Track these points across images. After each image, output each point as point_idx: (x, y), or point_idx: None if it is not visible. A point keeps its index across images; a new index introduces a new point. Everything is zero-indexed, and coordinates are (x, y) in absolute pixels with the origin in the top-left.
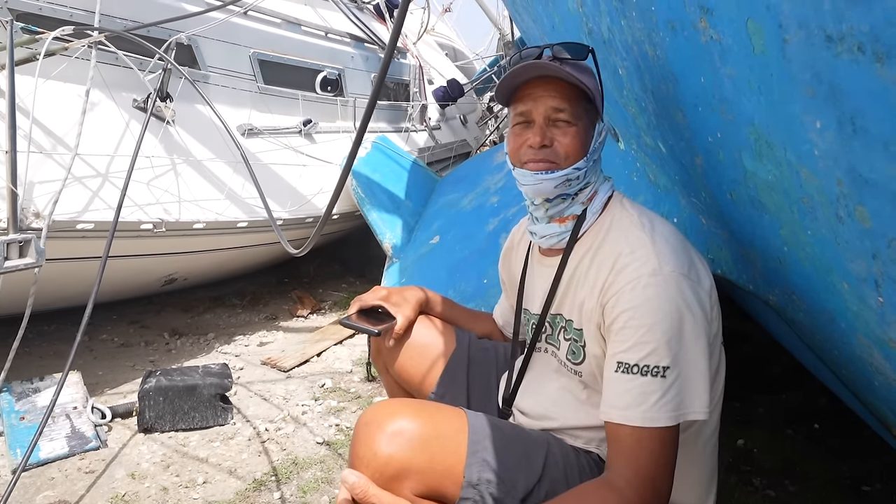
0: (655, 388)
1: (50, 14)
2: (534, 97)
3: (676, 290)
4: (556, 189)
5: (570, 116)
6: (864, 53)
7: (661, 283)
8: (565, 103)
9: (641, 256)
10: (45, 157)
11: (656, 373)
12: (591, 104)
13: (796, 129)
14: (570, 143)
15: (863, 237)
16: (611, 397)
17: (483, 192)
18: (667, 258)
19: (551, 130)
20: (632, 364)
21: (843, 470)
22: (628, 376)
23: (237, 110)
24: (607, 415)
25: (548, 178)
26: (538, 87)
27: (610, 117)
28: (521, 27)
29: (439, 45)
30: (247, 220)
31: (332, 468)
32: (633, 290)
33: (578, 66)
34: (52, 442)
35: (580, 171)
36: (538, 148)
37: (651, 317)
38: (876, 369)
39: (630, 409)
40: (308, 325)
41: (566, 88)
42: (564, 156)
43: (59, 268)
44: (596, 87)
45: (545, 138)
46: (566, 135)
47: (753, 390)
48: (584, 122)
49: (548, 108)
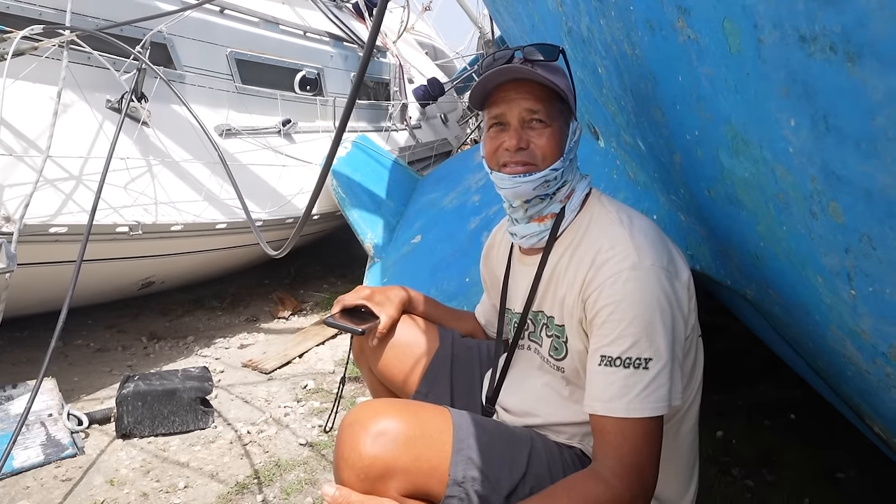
0: (638, 380)
1: (18, 13)
2: (507, 100)
3: (656, 283)
4: (534, 191)
5: (545, 117)
6: (836, 53)
7: (641, 276)
8: (539, 104)
9: (621, 251)
10: (15, 159)
11: (639, 365)
12: (565, 104)
13: (771, 127)
14: (545, 143)
15: (836, 232)
16: (595, 390)
17: (464, 191)
18: (646, 252)
19: (526, 132)
20: (614, 357)
21: (819, 458)
22: (611, 369)
23: (214, 110)
24: (592, 408)
25: (526, 181)
26: (511, 90)
27: (590, 115)
28: (502, 26)
29: (419, 43)
30: (225, 221)
31: (315, 469)
32: (614, 284)
33: (550, 66)
34: (26, 450)
35: (557, 171)
36: (514, 150)
37: (632, 310)
38: (849, 359)
39: (614, 401)
40: (289, 326)
41: (539, 90)
42: (542, 157)
43: (31, 272)
44: (568, 87)
45: (521, 140)
46: (542, 136)
47: (732, 383)
48: (559, 122)
49: (522, 110)
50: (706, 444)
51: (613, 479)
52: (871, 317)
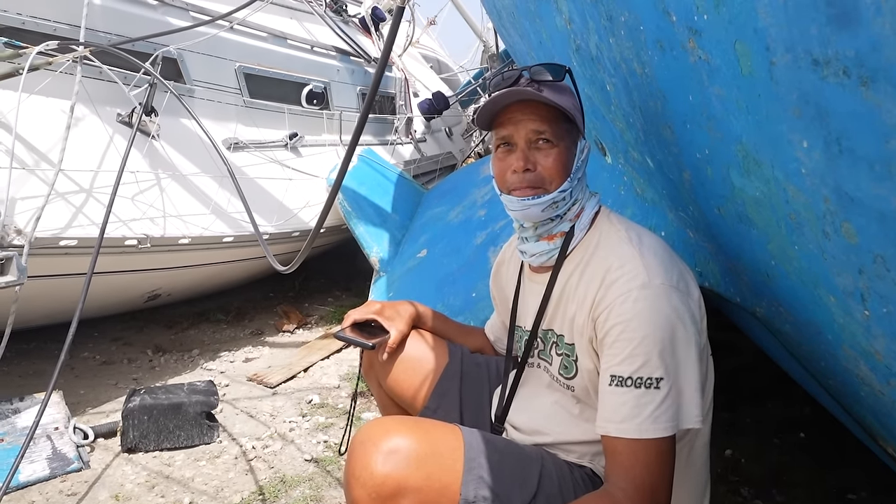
0: (650, 400)
1: (33, 28)
2: (514, 121)
3: (667, 301)
4: (543, 213)
5: (552, 137)
6: (850, 77)
7: (651, 295)
8: (545, 125)
9: (631, 270)
10: (27, 172)
11: (650, 384)
12: (572, 124)
13: (783, 148)
14: (552, 164)
15: (849, 253)
16: (606, 411)
17: (470, 205)
18: (656, 271)
19: (533, 154)
20: (625, 377)
21: (830, 478)
22: (623, 389)
23: (223, 124)
24: (604, 429)
25: (535, 203)
26: (518, 111)
27: (597, 132)
28: (507, 42)
29: (424, 57)
30: (232, 234)
31: (321, 486)
32: (624, 303)
33: (557, 86)
34: (32, 464)
35: (565, 192)
36: (522, 172)
37: (643, 329)
38: (862, 380)
39: (626, 423)
40: (294, 339)
41: (545, 110)
42: (549, 179)
43: (41, 285)
44: (575, 106)
45: (528, 162)
46: (548, 156)
47: (740, 400)
48: (566, 141)
49: (529, 131)
50: (715, 463)
51: (626, 501)
52: (886, 337)
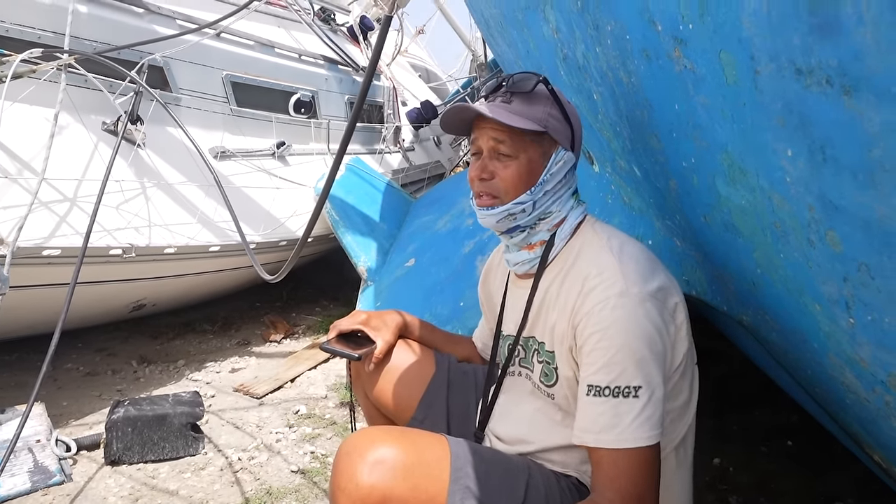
0: (628, 409)
1: (17, 36)
2: (480, 128)
3: (643, 310)
4: (498, 224)
5: (510, 149)
6: (833, 86)
7: (628, 304)
8: (504, 135)
9: (609, 278)
10: (10, 181)
11: (628, 393)
12: (542, 135)
13: (768, 157)
14: (509, 176)
15: (834, 261)
16: (584, 422)
17: (458, 214)
18: (633, 279)
19: (493, 163)
20: (602, 386)
21: (817, 486)
22: (600, 399)
23: (209, 133)
24: (581, 439)
25: (489, 214)
26: (482, 121)
27: (585, 141)
28: (495, 51)
29: (412, 66)
30: (219, 244)
31: (307, 497)
32: (602, 311)
33: (530, 96)
34: (13, 478)
35: (523, 204)
36: (478, 180)
37: (620, 338)
38: (847, 388)
39: (604, 433)
40: (281, 350)
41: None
42: (504, 190)
43: (23, 295)
44: (550, 115)
45: (485, 171)
46: (507, 168)
47: (728, 408)
48: (530, 153)
49: (490, 140)
50: (703, 472)
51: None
52: (871, 345)
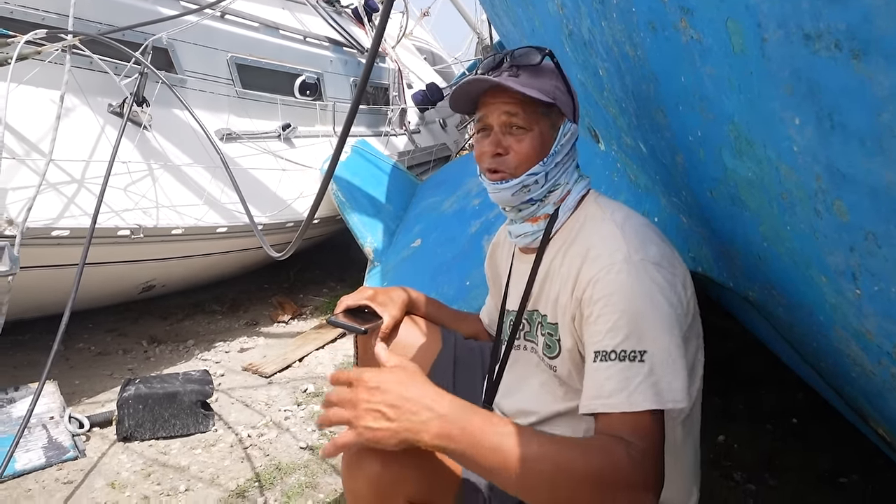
0: (635, 373)
1: (21, 17)
2: (488, 105)
3: (647, 276)
4: (513, 197)
5: (523, 122)
6: (841, 51)
7: (631, 269)
8: (517, 108)
9: (611, 245)
10: (18, 163)
11: (634, 357)
12: (551, 107)
13: (776, 126)
14: (523, 149)
15: (840, 231)
16: (592, 388)
17: (464, 195)
18: (636, 247)
19: (507, 138)
20: (609, 350)
21: (822, 463)
22: (606, 364)
23: (215, 115)
24: (589, 407)
25: (504, 188)
26: (492, 95)
27: (590, 118)
28: (501, 31)
29: (418, 49)
30: (226, 225)
31: (315, 473)
32: (606, 276)
33: (537, 69)
34: (28, 453)
35: (536, 175)
36: (492, 156)
37: (624, 303)
38: (853, 361)
39: (613, 396)
40: (289, 330)
41: (519, 94)
42: (519, 163)
43: (33, 276)
44: (557, 88)
45: (499, 146)
46: (520, 141)
47: (733, 386)
48: (542, 125)
49: (502, 114)
50: (707, 449)
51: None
52: (877, 316)
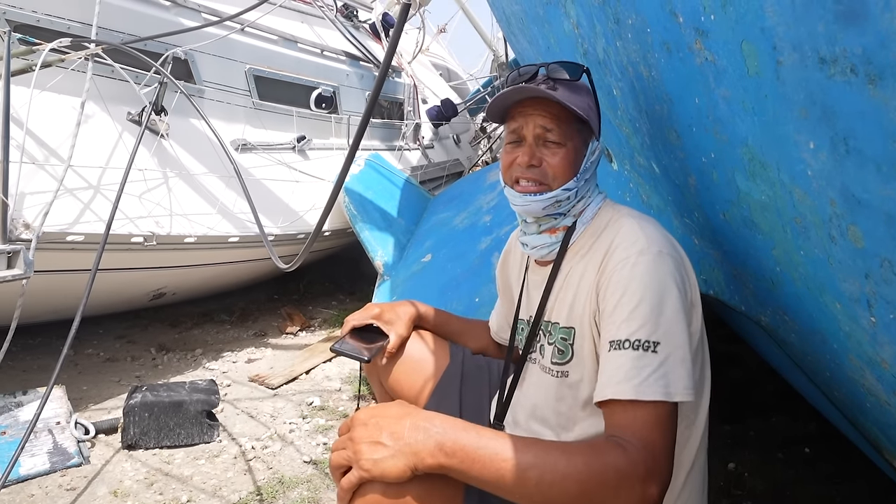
0: (647, 363)
1: (47, 26)
2: (524, 116)
3: (664, 267)
4: (544, 210)
5: (559, 137)
6: (857, 75)
7: (649, 261)
8: (554, 123)
9: (630, 238)
10: (37, 168)
11: (647, 347)
12: (584, 124)
13: (790, 150)
14: (558, 163)
15: (855, 257)
16: (604, 377)
17: (475, 211)
18: (654, 239)
19: (541, 150)
20: (622, 339)
21: (834, 494)
22: (620, 352)
23: (231, 125)
24: (600, 395)
25: (536, 200)
26: (529, 106)
27: (604, 137)
28: (516, 48)
29: (434, 65)
30: (238, 234)
31: (318, 487)
32: (623, 268)
33: (573, 85)
34: (33, 458)
35: (570, 191)
36: (526, 167)
37: (640, 292)
38: (868, 390)
39: (622, 384)
40: (297, 342)
41: (556, 108)
42: (553, 177)
43: (47, 280)
44: (590, 107)
45: (534, 158)
46: (555, 155)
47: (744, 413)
48: (575, 141)
49: (537, 128)
50: (718, 476)
51: (631, 448)
52: (892, 345)
